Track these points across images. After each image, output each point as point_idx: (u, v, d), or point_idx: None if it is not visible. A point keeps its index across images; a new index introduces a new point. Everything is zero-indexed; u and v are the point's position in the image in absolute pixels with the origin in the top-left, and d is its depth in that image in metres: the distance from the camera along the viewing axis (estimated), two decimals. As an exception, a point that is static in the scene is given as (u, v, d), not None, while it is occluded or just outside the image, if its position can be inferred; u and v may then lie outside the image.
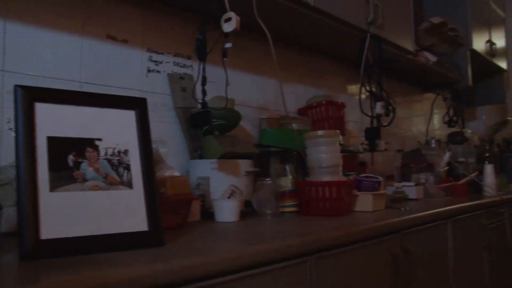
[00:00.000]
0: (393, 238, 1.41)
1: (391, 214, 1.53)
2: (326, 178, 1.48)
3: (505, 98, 3.94)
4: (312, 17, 1.82)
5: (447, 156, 2.46)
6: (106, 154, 0.96)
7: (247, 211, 1.49)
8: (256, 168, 1.55)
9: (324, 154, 1.49)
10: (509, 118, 3.60)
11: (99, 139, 0.96)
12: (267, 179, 1.53)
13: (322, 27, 1.95)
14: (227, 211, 1.35)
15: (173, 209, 1.19)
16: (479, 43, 3.31)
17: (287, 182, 1.56)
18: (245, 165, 1.50)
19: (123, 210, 0.92)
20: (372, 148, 2.09)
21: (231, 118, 1.60)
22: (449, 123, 3.35)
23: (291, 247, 1.01)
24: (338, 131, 1.58)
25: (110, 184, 0.93)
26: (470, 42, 3.19)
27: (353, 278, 1.22)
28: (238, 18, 1.41)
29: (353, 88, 2.58)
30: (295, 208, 1.54)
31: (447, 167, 2.50)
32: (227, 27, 1.41)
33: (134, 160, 0.99)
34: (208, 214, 1.41)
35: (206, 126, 1.52)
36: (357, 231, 1.24)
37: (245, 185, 1.49)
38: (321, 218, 1.43)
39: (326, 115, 2.00)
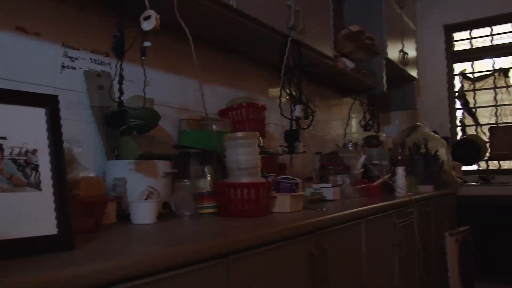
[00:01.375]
0: (310, 238, 1.44)
1: (308, 215, 1.57)
2: (244, 180, 1.49)
3: (415, 104, 4.19)
4: (234, 19, 1.83)
5: (362, 158, 2.57)
6: (11, 153, 0.90)
7: (165, 212, 1.47)
8: (175, 169, 1.53)
9: (243, 155, 1.50)
10: (419, 124, 3.83)
11: (3, 138, 0.90)
12: (186, 180, 1.51)
13: (244, 30, 1.96)
14: (143, 213, 1.32)
15: (86, 212, 1.14)
16: (393, 52, 3.49)
17: (206, 184, 1.55)
18: (163, 166, 1.48)
19: (29, 213, 0.87)
20: (291, 150, 2.13)
21: (149, 118, 1.57)
22: (365, 127, 3.50)
23: (208, 248, 1.00)
24: (257, 133, 1.59)
25: (15, 185, 0.88)
26: (385, 50, 3.35)
27: (270, 279, 1.24)
28: (158, 16, 1.38)
29: (274, 91, 2.63)
30: (214, 209, 1.54)
31: (362, 169, 2.61)
32: (147, 25, 1.38)
33: (44, 160, 0.93)
34: (124, 216, 1.37)
35: (123, 126, 1.48)
36: (274, 231, 1.25)
37: (163, 187, 1.47)
38: (239, 219, 1.44)
39: (247, 117, 2.02)
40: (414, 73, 4.03)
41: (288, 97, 2.25)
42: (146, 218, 1.32)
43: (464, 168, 4.59)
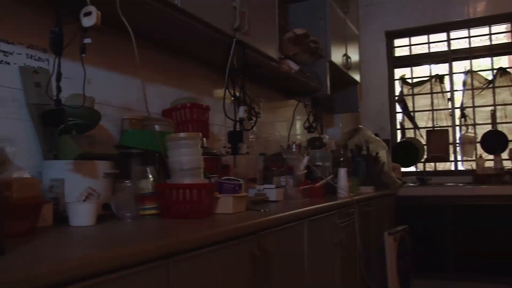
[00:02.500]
0: (252, 239, 1.45)
1: (251, 216, 1.58)
2: (187, 181, 1.48)
3: (358, 107, 4.31)
4: (179, 19, 1.81)
5: (305, 160, 2.61)
6: None
7: (106, 214, 1.43)
8: (116, 170, 1.50)
9: (185, 156, 1.49)
10: (361, 126, 3.94)
11: None
12: (127, 181, 1.48)
13: (188, 30, 1.95)
14: (82, 214, 1.28)
15: (19, 214, 1.10)
16: (337, 56, 3.57)
17: (147, 184, 1.52)
18: (103, 166, 1.44)
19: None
20: (235, 151, 2.14)
21: (89, 117, 1.53)
22: (309, 128, 3.56)
23: (148, 250, 0.99)
24: (200, 133, 1.58)
25: None
26: (329, 54, 3.42)
27: (212, 280, 1.23)
28: (99, 13, 1.34)
29: (219, 92, 2.62)
30: (156, 211, 1.51)
31: (305, 170, 2.65)
32: (87, 22, 1.34)
33: (-29, 160, 0.89)
34: (62, 218, 1.33)
35: (60, 125, 1.43)
36: (216, 233, 1.25)
37: (103, 188, 1.43)
38: (181, 220, 1.43)
39: (191, 117, 2.00)
40: (357, 77, 4.15)
41: (232, 98, 2.25)
42: (84, 220, 1.28)
43: (403, 169, 4.76)
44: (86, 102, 1.45)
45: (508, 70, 4.82)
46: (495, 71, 4.86)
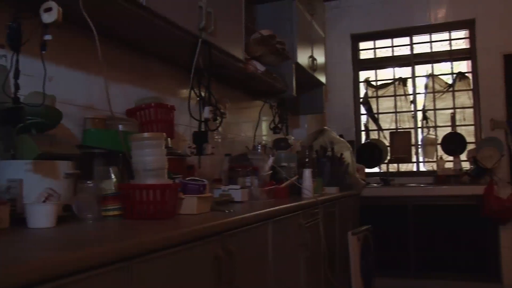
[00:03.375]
0: (216, 240, 1.44)
1: (215, 217, 1.57)
2: (150, 181, 1.46)
3: (323, 109, 4.35)
4: (144, 17, 1.79)
5: (270, 160, 2.62)
6: None
7: (66, 216, 1.40)
8: (78, 170, 1.46)
9: (149, 156, 1.47)
10: (326, 128, 3.99)
11: None
12: (89, 182, 1.45)
13: (154, 29, 1.92)
14: (41, 216, 1.25)
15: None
16: (303, 58, 3.60)
17: (110, 185, 1.50)
18: (64, 166, 1.41)
19: None
20: (200, 151, 2.13)
21: (50, 116, 1.49)
22: (275, 129, 3.57)
23: (109, 252, 0.97)
24: (164, 133, 1.57)
25: None
26: (295, 56, 3.45)
27: (175, 281, 1.22)
28: (60, 9, 1.31)
29: (184, 92, 2.60)
30: (118, 211, 1.49)
31: (271, 171, 2.66)
32: (47, 18, 1.30)
33: None
34: (20, 220, 1.28)
35: (19, 124, 1.39)
36: (179, 234, 1.24)
37: (64, 188, 1.40)
38: (145, 221, 1.41)
39: (155, 117, 1.98)
40: (322, 78, 4.19)
41: (198, 98, 2.24)
42: (43, 221, 1.24)
43: (367, 170, 4.84)
44: (46, 101, 1.41)
45: (466, 74, 4.97)
46: (454, 75, 5.01)
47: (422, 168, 5.07)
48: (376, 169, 5.13)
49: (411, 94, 5.15)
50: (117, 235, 1.21)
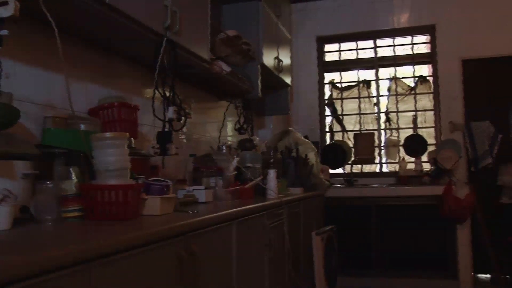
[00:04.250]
0: (179, 241, 1.43)
1: (179, 217, 1.56)
2: (112, 182, 1.43)
3: (289, 110, 4.38)
4: (107, 15, 1.75)
5: (235, 161, 2.62)
6: None
7: (24, 218, 1.36)
8: (36, 170, 1.42)
9: (111, 156, 1.44)
10: (291, 128, 4.02)
11: None
12: (48, 182, 1.41)
13: (117, 27, 1.89)
14: (-4, 218, 1.21)
15: None
16: (268, 59, 3.61)
17: (71, 186, 1.46)
18: (22, 166, 1.37)
19: None
20: (164, 152, 2.10)
21: (6, 114, 1.43)
22: (240, 130, 3.57)
23: (68, 254, 0.94)
24: (127, 133, 1.55)
25: None
26: (260, 56, 3.46)
27: (138, 283, 1.21)
28: (17, 3, 1.27)
29: (148, 91, 2.57)
30: (79, 213, 1.46)
31: (235, 172, 2.66)
32: (3, 12, 1.26)
33: None
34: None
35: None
36: (141, 235, 1.22)
37: (21, 189, 1.36)
38: (106, 222, 1.38)
39: (118, 117, 1.95)
40: (288, 80, 4.22)
41: (162, 98, 2.21)
42: (-1, 223, 1.21)
43: (331, 171, 4.91)
44: (2, 98, 1.37)
45: (427, 78, 5.10)
46: (416, 78, 5.13)
47: (385, 169, 5.18)
48: (340, 170, 5.20)
49: (374, 96, 5.25)
50: (76, 237, 1.19)
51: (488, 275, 4.50)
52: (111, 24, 1.85)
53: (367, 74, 5.34)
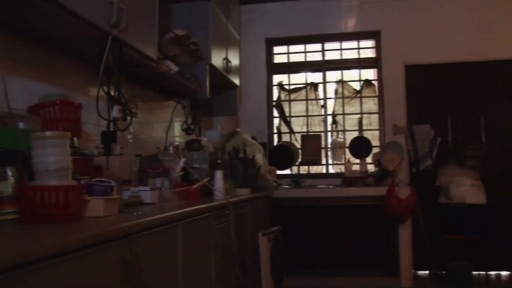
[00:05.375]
0: (123, 243, 1.40)
1: (123, 219, 1.53)
2: (52, 182, 1.38)
3: (237, 111, 4.39)
4: (48, 9, 1.69)
5: (182, 162, 2.59)
6: None
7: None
8: (-31, 170, 1.36)
9: (51, 156, 1.39)
10: (238, 129, 4.03)
11: None
12: (-18, 183, 1.35)
13: (59, 22, 1.82)
14: None
15: None
16: (217, 59, 3.60)
17: (7, 187, 1.40)
18: (-46, 166, 1.30)
19: None
20: (108, 152, 2.06)
21: None
22: (187, 130, 3.55)
23: (2, 259, 0.90)
24: (68, 132, 1.50)
25: None
26: (209, 57, 3.44)
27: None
28: None
29: (93, 90, 2.50)
30: (16, 215, 1.40)
31: (182, 172, 2.64)
32: None
33: None
34: None
35: None
36: (82, 237, 1.19)
37: (-48, 190, 1.29)
38: (45, 225, 1.33)
39: (60, 115, 1.88)
40: (236, 80, 4.22)
41: (107, 97, 2.16)
42: None
43: (279, 172, 4.95)
44: None
45: (373, 82, 5.25)
46: (362, 82, 5.28)
47: (331, 170, 5.28)
48: (287, 171, 5.26)
49: (322, 99, 5.35)
50: (11, 240, 1.14)
51: (427, 272, 4.69)
52: (53, 19, 1.79)
53: (315, 77, 5.43)
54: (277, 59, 5.50)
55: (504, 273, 4.67)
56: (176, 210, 1.89)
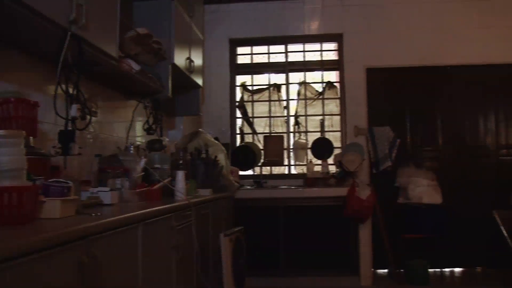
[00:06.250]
0: (80, 245, 1.37)
1: (81, 220, 1.49)
2: (5, 183, 1.33)
3: (200, 111, 4.37)
4: (1, 2, 1.63)
5: (142, 162, 2.56)
6: None
7: None
8: None
9: (4, 156, 1.34)
10: (201, 130, 4.00)
11: None
12: None
13: (14, 16, 1.76)
14: None
15: None
16: (180, 59, 3.57)
17: (-44, 188, 1.35)
18: None
19: None
20: (66, 152, 2.00)
21: None
22: (148, 130, 3.50)
23: None
24: (23, 131, 1.45)
25: None
26: (172, 56, 3.40)
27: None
28: None
29: (51, 88, 2.42)
30: (-34, 217, 1.34)
31: (143, 173, 2.60)
32: None
33: None
34: None
35: None
36: (36, 240, 1.15)
37: None
38: (-3, 227, 1.29)
39: (15, 114, 1.82)
40: (199, 81, 4.20)
41: (66, 95, 2.10)
42: None
43: (241, 172, 4.95)
44: None
45: (335, 84, 5.33)
46: (324, 84, 5.34)
47: (293, 171, 5.32)
48: (250, 172, 5.27)
49: (284, 100, 5.38)
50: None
51: (386, 270, 4.79)
52: (8, 13, 1.73)
53: (278, 78, 5.46)
54: (241, 60, 5.50)
55: (457, 269, 4.85)
56: (136, 211, 1.87)
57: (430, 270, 4.55)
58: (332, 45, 5.40)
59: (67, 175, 2.01)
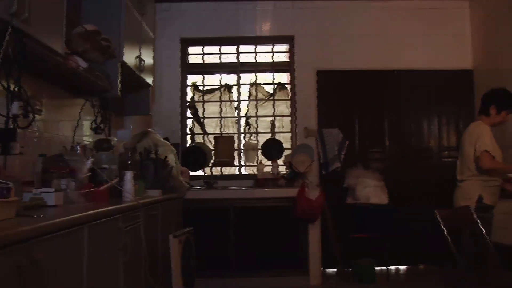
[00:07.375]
0: (19, 249, 1.31)
1: (21, 223, 1.43)
2: None
3: (149, 110, 4.29)
4: None
5: (89, 162, 2.49)
6: None
7: None
8: None
9: None
10: (150, 130, 3.94)
11: None
12: None
13: None
14: None
15: None
16: (129, 57, 3.49)
17: None
18: None
19: None
20: (6, 151, 1.91)
21: None
22: (96, 129, 3.41)
23: None
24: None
25: None
26: (121, 54, 3.32)
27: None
28: None
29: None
30: None
31: (89, 173, 2.52)
32: None
33: None
34: None
35: None
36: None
37: None
38: None
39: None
40: (149, 80, 4.12)
41: (6, 92, 2.01)
42: None
43: (191, 173, 4.92)
44: None
45: (286, 85, 5.38)
46: (275, 85, 5.39)
47: (244, 171, 5.33)
48: (200, 172, 5.23)
49: (235, 101, 5.39)
50: None
51: (334, 269, 4.89)
52: None
53: (229, 79, 5.46)
54: (192, 60, 5.46)
55: (402, 267, 5.03)
56: (82, 212, 1.81)
57: (376, 268, 4.68)
58: (284, 47, 5.45)
59: (7, 176, 1.92)
